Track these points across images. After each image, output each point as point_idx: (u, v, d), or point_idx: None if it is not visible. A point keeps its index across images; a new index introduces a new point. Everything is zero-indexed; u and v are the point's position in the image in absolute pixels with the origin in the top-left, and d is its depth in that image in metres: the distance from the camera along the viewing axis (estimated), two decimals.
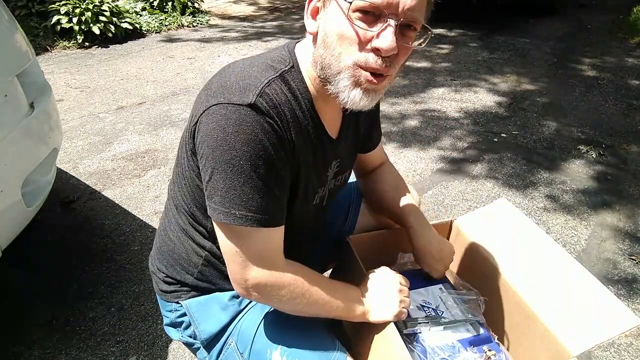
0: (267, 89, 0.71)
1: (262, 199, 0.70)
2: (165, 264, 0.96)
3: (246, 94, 0.69)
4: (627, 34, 4.83)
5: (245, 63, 0.77)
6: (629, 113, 3.18)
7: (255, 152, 0.68)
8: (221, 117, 0.67)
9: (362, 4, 0.66)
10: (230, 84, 0.71)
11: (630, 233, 2.01)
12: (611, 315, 0.90)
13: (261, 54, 0.81)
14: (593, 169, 2.50)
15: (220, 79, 0.74)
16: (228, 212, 0.70)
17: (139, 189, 2.22)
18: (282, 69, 0.75)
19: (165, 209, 0.98)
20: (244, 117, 0.67)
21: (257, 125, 0.68)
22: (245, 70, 0.74)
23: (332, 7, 0.70)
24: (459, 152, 2.65)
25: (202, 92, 0.76)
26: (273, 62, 0.76)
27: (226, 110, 0.67)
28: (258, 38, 4.71)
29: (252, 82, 0.71)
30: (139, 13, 5.02)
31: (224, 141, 0.67)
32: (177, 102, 3.19)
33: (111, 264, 1.75)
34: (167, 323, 1.01)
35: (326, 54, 0.71)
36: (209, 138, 0.68)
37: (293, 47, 0.80)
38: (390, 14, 0.66)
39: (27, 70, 1.43)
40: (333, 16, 0.69)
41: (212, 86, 0.74)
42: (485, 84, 3.64)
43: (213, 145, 0.68)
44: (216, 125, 0.68)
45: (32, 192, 1.41)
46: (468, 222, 1.21)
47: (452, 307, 1.06)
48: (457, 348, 0.96)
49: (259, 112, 0.68)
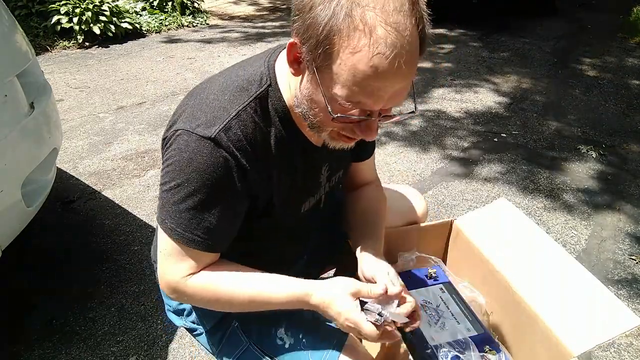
0: (233, 122, 0.72)
1: (194, 222, 0.74)
2: None
3: (210, 127, 0.71)
4: (627, 34, 4.83)
5: (223, 82, 0.77)
6: (629, 113, 3.18)
7: (202, 182, 0.71)
8: (183, 143, 0.71)
9: (344, 118, 0.67)
10: (203, 110, 0.73)
11: (630, 233, 2.01)
12: (611, 315, 0.90)
13: (243, 65, 0.80)
14: (593, 169, 2.50)
15: (197, 100, 0.76)
16: (163, 221, 0.75)
17: (139, 189, 2.22)
18: (257, 92, 0.75)
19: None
20: (201, 149, 0.70)
21: (210, 158, 0.71)
22: (219, 96, 0.74)
23: (315, 81, 0.66)
24: (459, 152, 2.65)
25: (183, 103, 0.79)
26: (249, 83, 0.75)
27: (189, 138, 0.71)
28: (259, 38, 4.71)
29: (221, 114, 0.72)
30: (139, 13, 5.02)
31: (178, 164, 0.72)
32: (177, 102, 3.17)
33: (111, 264, 1.75)
34: (170, 310, 1.03)
35: (309, 113, 0.71)
36: (169, 157, 0.74)
37: (274, 62, 0.78)
38: (374, 113, 0.67)
39: (27, 70, 1.43)
40: (318, 94, 0.67)
41: (189, 104, 0.76)
42: (486, 83, 3.64)
43: (170, 164, 0.73)
44: (177, 149, 0.72)
45: (32, 192, 1.41)
46: (468, 222, 1.21)
47: (452, 307, 1.06)
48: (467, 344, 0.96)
49: (217, 145, 0.71)
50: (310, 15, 0.61)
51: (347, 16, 0.58)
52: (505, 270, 1.05)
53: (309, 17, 0.61)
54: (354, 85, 0.62)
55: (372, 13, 0.58)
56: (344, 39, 0.59)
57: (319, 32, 0.60)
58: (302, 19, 0.62)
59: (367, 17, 0.58)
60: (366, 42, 0.58)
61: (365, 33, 0.58)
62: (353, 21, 0.58)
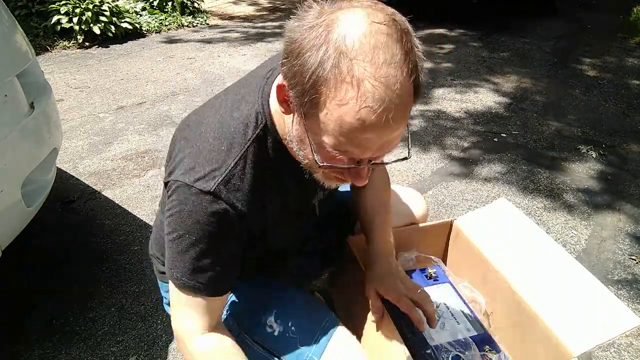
0: (232, 172, 0.73)
1: (198, 270, 0.76)
2: (161, 252, 1.00)
3: (209, 181, 0.72)
4: (627, 34, 4.83)
5: (219, 128, 0.75)
6: (629, 113, 3.18)
7: (202, 233, 0.73)
8: (183, 196, 0.73)
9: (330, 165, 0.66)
10: (200, 163, 0.73)
11: (630, 233, 2.01)
12: (611, 315, 0.90)
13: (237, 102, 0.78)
14: (593, 169, 2.50)
15: (194, 149, 0.75)
16: (171, 272, 0.77)
17: (139, 189, 2.22)
18: (254, 134, 0.74)
19: (160, 205, 1.00)
20: (201, 202, 0.72)
21: (210, 211, 0.72)
22: (216, 146, 0.74)
23: (302, 127, 0.65)
24: (459, 152, 2.65)
25: (178, 145, 0.78)
26: (246, 126, 0.75)
27: (189, 191, 0.72)
28: (259, 38, 4.71)
29: (219, 167, 0.73)
30: (139, 13, 5.02)
31: (179, 216, 0.74)
32: (177, 102, 3.19)
33: (111, 264, 1.75)
34: (167, 302, 1.07)
35: (299, 152, 0.71)
36: (170, 208, 0.75)
37: (267, 96, 0.76)
38: (363, 161, 0.66)
39: (27, 70, 1.43)
40: (303, 136, 0.66)
41: (186, 152, 0.76)
42: (486, 83, 3.64)
43: (170, 214, 0.75)
44: (177, 201, 0.74)
45: (32, 192, 1.41)
46: (468, 222, 1.21)
47: (452, 307, 1.06)
48: (468, 344, 0.96)
49: (217, 198, 0.72)
50: (297, 62, 0.58)
51: (334, 67, 0.56)
52: (505, 270, 1.05)
53: (296, 64, 0.59)
54: (340, 136, 0.60)
55: (360, 65, 0.55)
56: (330, 89, 0.57)
57: (305, 80, 0.58)
58: (290, 64, 0.60)
59: (355, 70, 0.55)
60: (353, 95, 0.56)
61: (353, 86, 0.56)
62: (340, 73, 0.56)
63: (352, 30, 0.56)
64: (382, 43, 0.56)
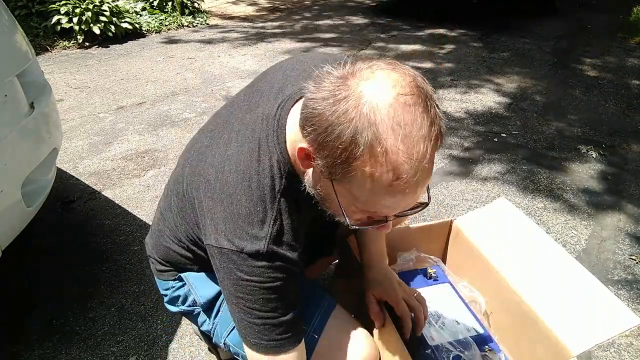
0: (275, 229, 0.73)
1: (271, 329, 0.75)
2: (161, 258, 1.01)
3: (257, 242, 0.72)
4: (627, 34, 4.83)
5: (247, 185, 0.73)
6: (629, 113, 3.18)
7: (265, 292, 0.73)
8: (233, 263, 0.72)
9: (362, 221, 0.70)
10: (240, 225, 0.72)
11: (631, 233, 2.01)
12: (611, 315, 0.90)
13: (254, 146, 0.76)
14: (593, 169, 2.50)
15: (227, 210, 0.73)
16: (245, 338, 0.77)
17: (139, 189, 2.22)
18: (281, 186, 0.74)
19: (161, 211, 0.99)
20: (256, 265, 0.72)
21: (268, 271, 0.72)
22: (250, 207, 0.73)
23: (330, 188, 0.67)
24: (459, 152, 2.65)
25: (204, 205, 0.76)
26: (272, 179, 0.74)
27: (239, 257, 0.72)
28: (259, 38, 4.71)
29: (260, 226, 0.72)
30: (139, 13, 5.02)
31: (236, 283, 0.73)
32: (177, 102, 3.19)
33: (111, 264, 1.75)
34: (166, 301, 1.06)
35: (323, 204, 0.73)
36: (224, 274, 0.75)
37: (284, 140, 0.75)
38: (390, 217, 0.70)
39: (27, 70, 1.43)
40: (330, 195, 0.68)
41: (218, 215, 0.74)
42: (486, 83, 3.64)
43: (227, 283, 0.75)
44: (229, 270, 0.73)
45: (32, 192, 1.40)
46: (468, 222, 1.21)
47: (452, 307, 1.06)
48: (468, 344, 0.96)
49: (270, 257, 0.72)
50: (328, 138, 0.60)
51: (367, 145, 0.57)
52: (505, 270, 1.05)
53: (327, 139, 0.60)
54: (372, 202, 0.64)
55: (392, 143, 0.57)
56: (364, 165, 0.59)
57: (337, 155, 0.60)
58: (317, 136, 0.61)
59: (388, 147, 0.57)
60: (386, 171, 0.59)
61: (386, 163, 0.58)
62: (373, 150, 0.58)
63: (380, 105, 0.57)
64: (410, 118, 0.58)
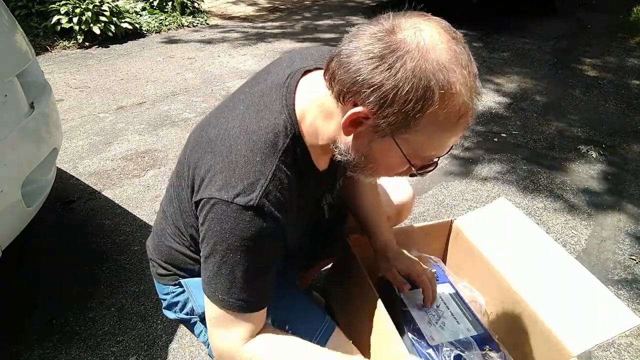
0: (271, 185, 0.71)
1: (244, 288, 0.75)
2: (162, 259, 1.00)
3: (249, 194, 0.70)
4: (627, 34, 4.83)
5: (249, 138, 0.73)
6: (629, 113, 3.18)
7: (247, 249, 0.72)
8: (222, 214, 0.71)
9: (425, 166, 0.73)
10: (236, 176, 0.71)
11: (630, 233, 2.01)
12: (611, 315, 0.90)
13: (260, 108, 0.76)
14: (593, 169, 2.50)
15: (225, 162, 0.72)
16: (213, 293, 0.76)
17: (139, 189, 2.22)
18: (285, 145, 0.74)
19: (163, 211, 0.98)
20: (244, 218, 0.70)
21: (253, 228, 0.71)
22: (250, 157, 0.72)
23: (388, 144, 0.68)
24: (459, 152, 2.65)
25: (204, 160, 0.75)
26: (276, 135, 0.73)
27: (228, 208, 0.70)
28: (259, 39, 4.70)
29: (257, 179, 0.71)
30: (139, 13, 5.01)
31: (221, 235, 0.71)
32: (177, 102, 3.19)
33: (111, 264, 1.75)
34: (164, 306, 1.05)
35: (363, 166, 0.74)
36: (210, 229, 0.73)
37: (293, 107, 0.75)
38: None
39: (27, 70, 1.43)
40: (388, 152, 0.70)
41: (216, 166, 0.73)
42: (486, 83, 3.64)
43: (211, 235, 0.73)
44: (216, 220, 0.71)
45: (32, 192, 1.41)
46: (468, 222, 1.21)
47: (452, 307, 1.06)
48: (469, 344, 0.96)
49: (260, 213, 0.71)
50: (396, 94, 0.61)
51: (441, 90, 0.60)
52: (505, 270, 1.05)
53: (393, 95, 0.61)
54: (433, 145, 0.68)
55: (459, 84, 0.61)
56: (437, 111, 0.62)
57: (409, 108, 0.61)
58: (379, 96, 0.62)
59: (456, 88, 0.61)
60: (455, 111, 0.62)
61: (455, 104, 0.62)
62: (445, 94, 0.61)
63: (439, 50, 0.61)
64: (465, 58, 0.62)
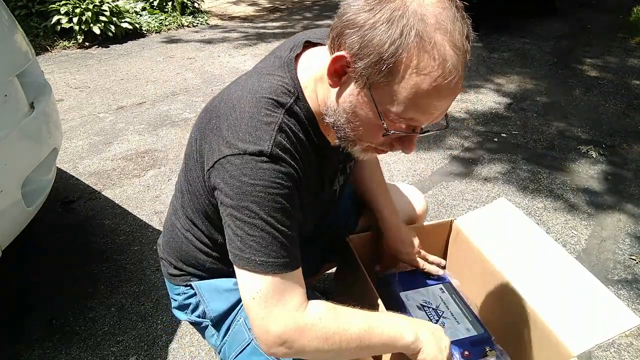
0: (279, 136, 0.70)
1: (280, 244, 0.70)
2: (174, 257, 0.98)
3: (261, 142, 0.68)
4: (627, 34, 4.83)
5: (251, 98, 0.73)
6: (629, 113, 3.18)
7: (272, 199, 0.69)
8: (238, 168, 0.68)
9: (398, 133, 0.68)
10: (244, 130, 0.70)
11: (631, 233, 2.01)
12: (611, 315, 0.90)
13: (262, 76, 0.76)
14: (593, 169, 2.50)
15: (230, 122, 0.72)
16: (249, 259, 0.70)
17: (139, 189, 2.22)
18: (289, 103, 0.73)
19: (173, 207, 0.98)
20: (261, 166, 0.68)
21: (273, 174, 0.68)
22: (254, 114, 0.71)
23: (367, 98, 0.66)
24: (459, 152, 2.65)
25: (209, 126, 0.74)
26: (279, 95, 0.73)
27: (242, 160, 0.68)
28: (259, 39, 4.70)
29: (266, 130, 0.70)
30: (139, 13, 5.01)
31: (242, 190, 0.68)
32: (177, 102, 3.19)
33: (111, 264, 1.75)
34: (175, 306, 1.03)
35: (345, 125, 0.72)
36: (227, 187, 0.69)
37: (295, 72, 0.76)
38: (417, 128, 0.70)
39: (27, 70, 1.43)
40: (366, 109, 0.67)
41: (222, 127, 0.72)
42: (486, 83, 3.64)
43: (231, 194, 0.69)
44: (235, 176, 0.68)
45: (32, 192, 1.41)
46: (468, 222, 1.21)
47: (452, 307, 1.06)
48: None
49: (274, 160, 0.69)
50: (372, 33, 0.61)
51: (417, 36, 0.59)
52: (505, 270, 1.05)
53: (370, 35, 0.61)
54: (411, 103, 0.63)
55: (440, 35, 0.59)
56: (411, 57, 0.60)
57: (384, 49, 0.60)
58: (359, 35, 0.62)
59: (436, 39, 0.59)
60: (433, 65, 0.60)
61: (434, 55, 0.59)
62: (422, 42, 0.59)
63: (425, 3, 0.60)
64: (451, 16, 0.61)
